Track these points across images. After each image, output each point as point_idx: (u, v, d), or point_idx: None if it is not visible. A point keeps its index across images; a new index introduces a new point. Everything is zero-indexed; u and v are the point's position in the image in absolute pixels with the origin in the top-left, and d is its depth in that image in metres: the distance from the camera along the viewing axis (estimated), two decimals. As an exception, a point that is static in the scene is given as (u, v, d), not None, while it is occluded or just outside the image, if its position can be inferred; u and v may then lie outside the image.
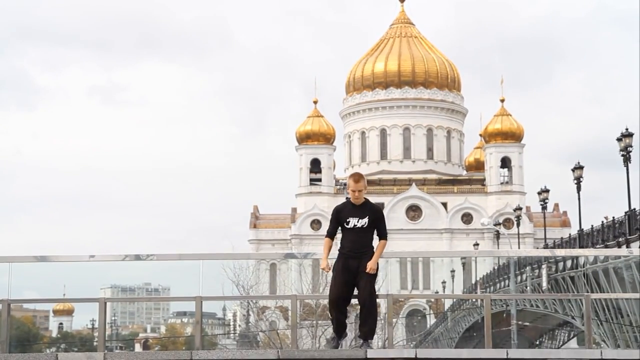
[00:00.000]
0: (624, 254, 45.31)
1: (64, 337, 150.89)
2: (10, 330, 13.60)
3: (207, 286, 14.03)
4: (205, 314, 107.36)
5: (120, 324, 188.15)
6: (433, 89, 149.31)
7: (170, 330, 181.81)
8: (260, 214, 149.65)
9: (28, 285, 13.95)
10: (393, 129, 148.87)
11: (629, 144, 56.23)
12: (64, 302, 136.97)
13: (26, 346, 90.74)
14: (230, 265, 56.49)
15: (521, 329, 62.12)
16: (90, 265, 14.85)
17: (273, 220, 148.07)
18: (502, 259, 71.42)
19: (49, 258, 14.01)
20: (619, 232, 53.05)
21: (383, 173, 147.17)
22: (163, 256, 15.23)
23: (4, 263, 13.59)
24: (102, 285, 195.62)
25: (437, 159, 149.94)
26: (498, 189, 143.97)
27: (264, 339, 62.11)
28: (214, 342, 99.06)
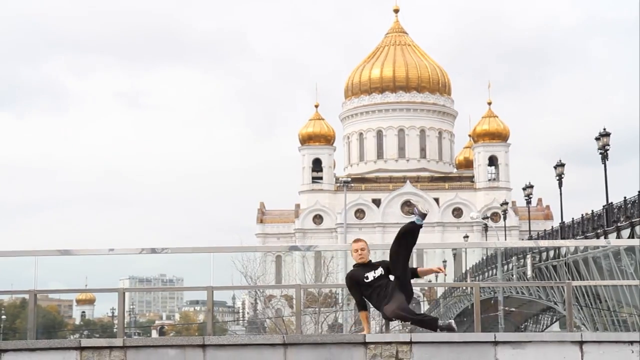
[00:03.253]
0: (602, 245, 45.29)
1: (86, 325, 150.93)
2: (37, 318, 13.63)
3: (217, 277, 14.02)
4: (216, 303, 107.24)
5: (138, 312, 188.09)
6: (425, 93, 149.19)
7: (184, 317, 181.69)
8: (266, 210, 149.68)
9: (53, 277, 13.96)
10: (389, 130, 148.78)
11: (606, 143, 56.23)
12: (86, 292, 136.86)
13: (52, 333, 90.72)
14: (239, 258, 56.38)
15: (508, 314, 62.10)
16: (110, 258, 14.86)
17: (278, 216, 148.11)
18: (490, 249, 71.24)
19: (72, 252, 14.03)
20: (597, 225, 53.05)
21: (380, 171, 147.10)
22: (177, 249, 15.25)
23: (31, 257, 13.63)
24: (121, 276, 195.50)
25: (430, 158, 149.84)
26: (486, 186, 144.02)
27: (270, 325, 62.03)
28: (224, 328, 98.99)
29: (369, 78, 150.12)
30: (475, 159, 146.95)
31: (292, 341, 11.68)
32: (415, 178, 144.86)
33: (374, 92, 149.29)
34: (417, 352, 11.44)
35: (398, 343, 11.48)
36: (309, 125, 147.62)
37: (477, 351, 11.44)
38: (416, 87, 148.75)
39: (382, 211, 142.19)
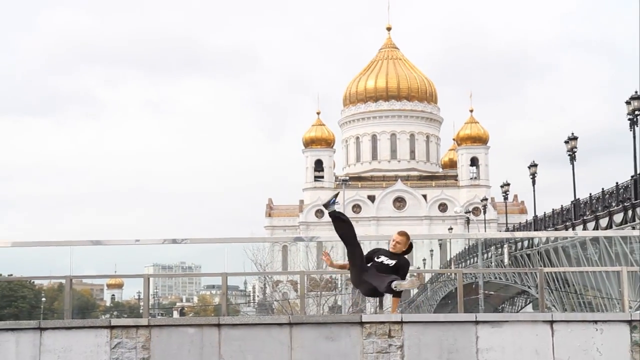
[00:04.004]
0: (570, 235, 45.30)
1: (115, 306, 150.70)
2: (72, 300, 13.65)
3: (231, 264, 14.03)
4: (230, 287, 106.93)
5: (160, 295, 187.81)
6: (414, 101, 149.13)
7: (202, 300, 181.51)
8: (274, 205, 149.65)
9: (86, 264, 13.92)
10: (382, 134, 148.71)
11: (574, 146, 56.30)
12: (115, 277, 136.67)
13: (85, 313, 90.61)
14: (249, 247, 56.29)
15: (487, 297, 62.02)
16: (136, 248, 14.86)
17: (284, 210, 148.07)
18: (471, 240, 71.26)
19: (103, 242, 14.04)
20: (566, 218, 53.11)
21: (374, 171, 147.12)
22: (195, 240, 15.25)
23: (67, 246, 13.64)
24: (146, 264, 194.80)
25: (418, 159, 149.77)
26: (468, 183, 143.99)
27: (277, 307, 61.96)
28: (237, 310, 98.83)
29: (364, 88, 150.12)
30: (459, 160, 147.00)
31: (297, 321, 11.70)
32: (405, 177, 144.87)
33: (369, 100, 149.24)
34: (407, 330, 11.45)
35: (390, 323, 11.49)
36: (312, 130, 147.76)
37: (460, 329, 11.45)
38: (406, 96, 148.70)
39: (376, 206, 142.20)
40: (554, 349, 11.30)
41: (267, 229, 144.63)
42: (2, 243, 14.13)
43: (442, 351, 11.40)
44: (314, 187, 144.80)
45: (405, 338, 11.43)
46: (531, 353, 11.32)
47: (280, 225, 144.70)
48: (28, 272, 16.24)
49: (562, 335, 11.33)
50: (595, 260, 41.08)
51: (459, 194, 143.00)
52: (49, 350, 11.65)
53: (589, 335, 11.32)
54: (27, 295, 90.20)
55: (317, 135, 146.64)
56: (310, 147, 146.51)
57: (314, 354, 11.47)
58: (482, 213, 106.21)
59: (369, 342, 11.45)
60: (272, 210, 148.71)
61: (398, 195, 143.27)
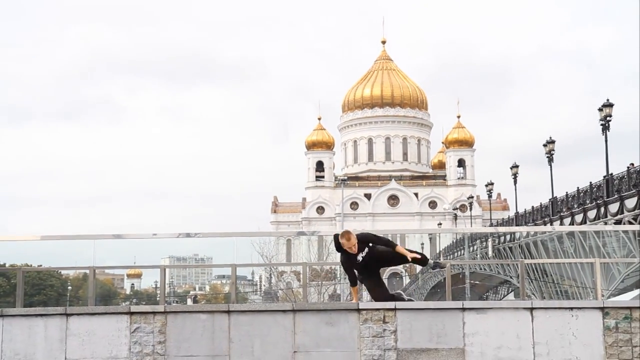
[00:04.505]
0: (549, 230, 45.30)
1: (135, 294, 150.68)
2: (95, 289, 13.66)
3: (239, 256, 14.01)
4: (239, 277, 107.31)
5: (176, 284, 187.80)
6: (407, 108, 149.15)
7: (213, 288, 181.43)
8: (279, 203, 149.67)
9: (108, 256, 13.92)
10: (377, 138, 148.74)
11: (552, 149, 56.38)
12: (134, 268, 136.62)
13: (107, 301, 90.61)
14: (257, 241, 56.41)
15: (473, 286, 61.98)
16: (154, 241, 14.85)
17: (288, 207, 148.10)
18: (459, 234, 71.23)
19: (123, 236, 14.04)
20: (544, 214, 53.08)
21: (370, 171, 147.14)
22: (207, 234, 15.26)
23: (90, 240, 13.64)
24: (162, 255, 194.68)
25: (410, 161, 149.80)
26: (456, 183, 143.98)
27: (282, 295, 62.03)
28: (245, 298, 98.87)
29: (361, 96, 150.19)
30: (447, 161, 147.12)
31: (300, 308, 11.69)
32: (398, 177, 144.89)
33: (365, 107, 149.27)
34: (400, 316, 11.44)
35: (385, 310, 11.48)
36: (314, 134, 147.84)
37: (448, 316, 11.44)
38: (399, 103, 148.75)
39: (372, 204, 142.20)
40: (534, 334, 11.30)
41: (272, 224, 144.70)
42: (32, 237, 14.14)
43: (432, 335, 11.39)
44: (315, 186, 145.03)
45: (399, 324, 11.42)
46: (513, 337, 11.31)
47: (284, 220, 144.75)
48: (55, 263, 16.24)
49: (541, 321, 11.33)
50: (571, 253, 41.13)
51: (447, 193, 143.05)
52: (74, 334, 11.65)
53: (565, 321, 11.31)
54: (54, 284, 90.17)
55: (318, 138, 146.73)
56: (312, 150, 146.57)
57: (315, 338, 11.46)
58: (469, 210, 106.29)
59: (366, 327, 11.44)
60: (277, 207, 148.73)
61: (392, 194, 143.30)
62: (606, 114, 45.86)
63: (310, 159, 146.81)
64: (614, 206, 39.65)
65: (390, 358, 11.33)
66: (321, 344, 11.42)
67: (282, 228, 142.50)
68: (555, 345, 11.23)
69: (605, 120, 45.81)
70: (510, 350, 11.26)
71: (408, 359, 11.33)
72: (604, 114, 45.99)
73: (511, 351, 11.26)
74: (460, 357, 11.30)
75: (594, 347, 11.22)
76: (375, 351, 11.35)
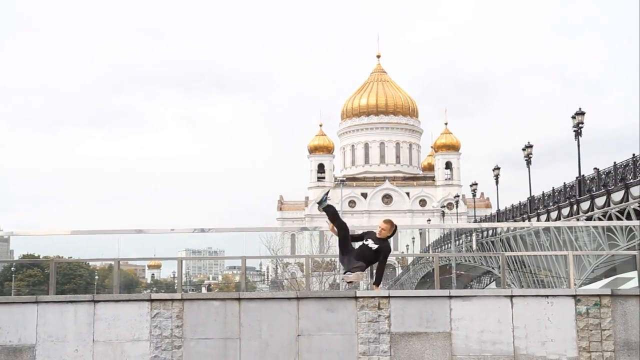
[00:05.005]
0: (527, 226, 45.35)
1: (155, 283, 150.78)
2: (120, 278, 13.69)
3: (249, 249, 14.02)
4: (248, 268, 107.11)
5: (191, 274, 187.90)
6: (399, 116, 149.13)
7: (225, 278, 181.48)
8: (284, 201, 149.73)
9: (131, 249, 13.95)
10: (373, 143, 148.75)
11: (530, 153, 56.35)
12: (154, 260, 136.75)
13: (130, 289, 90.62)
14: (264, 235, 56.34)
15: (458, 276, 62.07)
16: (171, 236, 14.89)
17: (293, 205, 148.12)
18: (446, 230, 71.25)
19: (144, 231, 14.05)
20: (523, 211, 53.08)
21: (366, 173, 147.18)
22: (219, 229, 15.25)
23: (115, 234, 13.66)
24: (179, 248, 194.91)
25: (403, 163, 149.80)
26: (443, 183, 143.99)
27: (287, 284, 61.99)
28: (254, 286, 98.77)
29: (358, 105, 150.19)
30: (436, 164, 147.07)
31: (303, 296, 11.71)
32: (392, 178, 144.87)
33: (362, 115, 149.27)
34: (394, 303, 11.46)
35: (380, 297, 11.49)
36: (315, 139, 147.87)
37: (437, 303, 11.45)
38: (393, 111, 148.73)
39: (368, 202, 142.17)
40: (513, 319, 11.31)
41: (278, 221, 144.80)
42: (63, 232, 14.18)
43: (422, 320, 11.41)
44: (317, 186, 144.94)
45: (392, 310, 11.43)
46: (494, 322, 11.33)
47: (289, 217, 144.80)
48: (84, 255, 16.26)
49: (519, 307, 11.34)
50: (547, 246, 41.11)
51: (435, 192, 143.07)
52: (101, 319, 11.69)
53: (541, 307, 11.33)
54: (83, 274, 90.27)
55: (319, 143, 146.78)
56: (314, 153, 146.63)
57: (317, 322, 11.48)
58: (455, 207, 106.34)
59: (362, 313, 11.46)
60: (283, 205, 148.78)
61: (386, 193, 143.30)
62: (578, 122, 45.94)
63: (312, 161, 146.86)
64: (585, 204, 39.66)
65: (385, 341, 11.35)
66: (322, 328, 11.44)
67: (287, 224, 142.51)
68: (533, 329, 11.25)
69: (577, 127, 45.88)
70: (492, 334, 11.27)
71: (400, 341, 11.35)
72: (576, 122, 46.06)
73: (493, 334, 11.27)
74: (448, 340, 11.32)
75: (567, 331, 11.24)
76: (371, 335, 11.37)
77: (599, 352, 11.16)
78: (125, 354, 11.56)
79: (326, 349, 11.38)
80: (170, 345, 11.54)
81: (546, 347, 11.23)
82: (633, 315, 11.25)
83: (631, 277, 26.08)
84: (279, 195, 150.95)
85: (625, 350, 11.16)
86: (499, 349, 11.25)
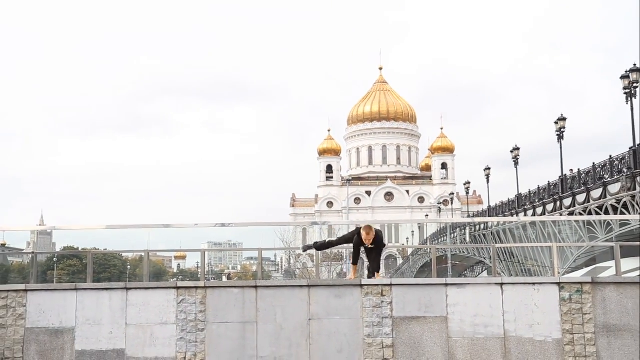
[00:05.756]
0: (515, 220, 45.14)
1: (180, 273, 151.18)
2: (149, 268, 13.71)
3: (265, 241, 14.05)
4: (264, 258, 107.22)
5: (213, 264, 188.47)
6: (399, 122, 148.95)
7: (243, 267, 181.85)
8: (296, 198, 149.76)
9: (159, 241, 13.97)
10: (376, 146, 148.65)
11: (517, 154, 56.08)
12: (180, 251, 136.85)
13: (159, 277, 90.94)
14: (278, 230, 56.51)
15: (454, 266, 61.95)
16: (195, 230, 14.89)
17: (304, 202, 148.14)
18: (442, 224, 71.10)
19: (171, 225, 14.07)
20: (512, 207, 52.89)
21: (370, 173, 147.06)
22: (238, 224, 15.24)
23: (145, 228, 13.69)
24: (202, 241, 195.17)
25: (403, 164, 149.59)
26: (440, 182, 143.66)
27: (299, 273, 62.05)
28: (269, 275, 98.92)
29: (363, 112, 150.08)
30: (433, 164, 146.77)
31: (313, 284, 11.71)
32: (393, 177, 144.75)
33: (366, 121, 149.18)
34: (395, 290, 11.45)
35: (383, 285, 11.49)
36: (324, 143, 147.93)
37: (434, 290, 11.44)
38: (393, 118, 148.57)
39: (372, 199, 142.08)
40: (503, 304, 11.28)
41: (291, 216, 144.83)
42: (99, 226, 14.22)
43: (421, 306, 11.39)
44: (325, 185, 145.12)
45: (394, 296, 11.43)
46: (486, 307, 11.30)
47: (301, 213, 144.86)
48: (118, 247, 16.29)
49: (509, 294, 11.31)
50: (533, 239, 40.98)
51: (433, 190, 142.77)
52: (132, 304, 11.72)
53: (529, 294, 11.30)
54: (117, 264, 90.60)
55: (328, 147, 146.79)
56: (323, 156, 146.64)
57: (326, 308, 11.48)
58: (450, 204, 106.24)
59: (367, 299, 11.45)
60: (295, 202, 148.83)
61: (388, 191, 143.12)
62: (560, 126, 45.82)
63: (321, 163, 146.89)
64: (567, 201, 39.51)
65: (387, 325, 11.34)
66: (331, 313, 11.43)
67: (299, 219, 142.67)
68: (521, 313, 11.22)
69: (560, 132, 45.75)
70: (484, 318, 11.25)
71: (402, 325, 11.34)
72: (559, 126, 45.94)
73: (485, 318, 11.25)
74: (444, 323, 11.30)
75: (552, 315, 11.21)
76: (375, 319, 11.36)
77: (580, 334, 11.14)
78: (154, 336, 11.59)
79: (335, 332, 11.38)
80: (194, 328, 11.56)
81: (533, 329, 11.20)
82: (611, 300, 11.22)
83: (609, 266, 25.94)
84: (292, 193, 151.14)
85: (604, 332, 11.14)
86: (490, 332, 11.22)
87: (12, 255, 35.64)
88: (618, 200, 32.65)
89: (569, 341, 11.10)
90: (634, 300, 11.16)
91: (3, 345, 11.63)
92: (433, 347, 11.24)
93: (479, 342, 11.21)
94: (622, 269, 12.55)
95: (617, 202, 32.78)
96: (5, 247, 41.31)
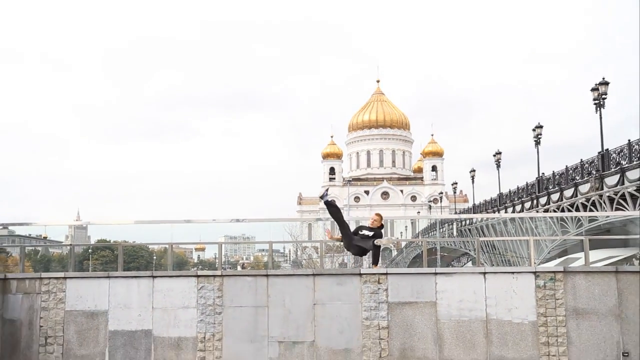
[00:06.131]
0: (497, 217, 45.10)
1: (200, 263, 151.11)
2: (172, 258, 13.79)
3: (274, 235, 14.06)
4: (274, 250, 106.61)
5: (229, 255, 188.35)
6: (395, 129, 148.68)
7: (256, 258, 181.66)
8: (303, 197, 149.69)
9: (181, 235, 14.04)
10: (374, 150, 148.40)
11: (499, 158, 56.06)
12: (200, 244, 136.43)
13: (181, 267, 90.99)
14: (287, 225, 56.42)
15: (442, 257, 61.88)
16: (213, 224, 14.92)
17: (309, 200, 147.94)
18: (432, 220, 71.02)
19: (192, 221, 14.12)
20: (494, 205, 52.85)
21: (368, 174, 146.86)
22: (251, 220, 15.30)
23: (168, 224, 13.75)
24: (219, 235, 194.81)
25: (398, 167, 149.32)
26: (430, 183, 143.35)
27: (305, 264, 62.04)
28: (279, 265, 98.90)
29: (362, 120, 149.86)
30: (424, 167, 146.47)
31: (318, 272, 11.77)
32: (389, 178, 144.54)
33: (365, 128, 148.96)
34: (390, 279, 11.50)
35: (379, 274, 11.54)
36: (328, 147, 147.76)
37: (425, 278, 11.48)
38: (389, 125, 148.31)
39: (370, 198, 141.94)
40: (486, 291, 11.32)
41: (298, 213, 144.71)
42: (128, 221, 14.30)
43: (413, 292, 11.44)
44: (329, 185, 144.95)
45: (389, 284, 11.48)
46: (471, 293, 11.34)
47: (307, 210, 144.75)
48: (145, 239, 16.36)
49: (491, 282, 11.35)
50: (513, 233, 40.93)
51: (424, 190, 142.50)
52: (158, 291, 11.79)
53: (508, 282, 11.33)
54: (144, 255, 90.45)
55: (331, 151, 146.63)
56: (326, 159, 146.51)
57: (329, 294, 11.54)
58: (439, 202, 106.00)
59: (365, 287, 11.50)
60: (302, 200, 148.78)
61: (384, 190, 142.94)
62: (538, 133, 45.81)
63: (325, 165, 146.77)
64: (543, 199, 39.50)
65: (383, 309, 11.39)
66: (333, 298, 11.49)
67: (305, 215, 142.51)
68: (501, 299, 11.26)
69: (537, 137, 45.72)
70: (469, 303, 11.29)
71: (396, 309, 11.39)
72: (536, 133, 45.91)
73: (470, 303, 11.28)
74: (433, 308, 11.34)
75: (528, 300, 11.24)
76: (372, 304, 11.41)
77: (553, 317, 11.19)
78: (178, 318, 11.67)
79: (336, 315, 11.43)
80: (212, 311, 11.63)
81: (512, 313, 11.24)
82: (580, 287, 11.27)
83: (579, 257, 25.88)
84: (299, 192, 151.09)
85: (574, 315, 11.20)
86: (474, 315, 11.26)
87: (52, 247, 35.82)
88: (587, 198, 32.67)
89: (542, 323, 11.15)
90: (600, 287, 11.20)
91: (46, 325, 11.77)
92: (423, 329, 11.29)
93: (464, 324, 11.25)
94: (590, 259, 12.60)
95: (586, 201, 32.80)
96: (47, 239, 41.45)
